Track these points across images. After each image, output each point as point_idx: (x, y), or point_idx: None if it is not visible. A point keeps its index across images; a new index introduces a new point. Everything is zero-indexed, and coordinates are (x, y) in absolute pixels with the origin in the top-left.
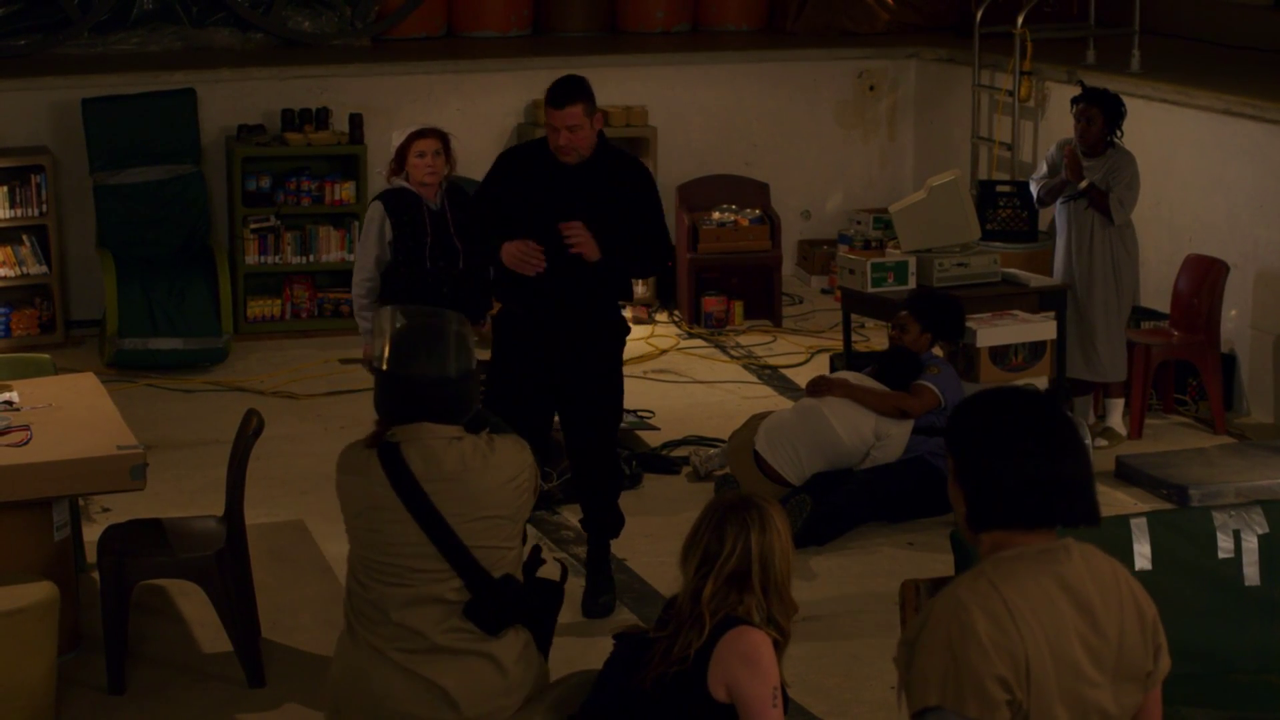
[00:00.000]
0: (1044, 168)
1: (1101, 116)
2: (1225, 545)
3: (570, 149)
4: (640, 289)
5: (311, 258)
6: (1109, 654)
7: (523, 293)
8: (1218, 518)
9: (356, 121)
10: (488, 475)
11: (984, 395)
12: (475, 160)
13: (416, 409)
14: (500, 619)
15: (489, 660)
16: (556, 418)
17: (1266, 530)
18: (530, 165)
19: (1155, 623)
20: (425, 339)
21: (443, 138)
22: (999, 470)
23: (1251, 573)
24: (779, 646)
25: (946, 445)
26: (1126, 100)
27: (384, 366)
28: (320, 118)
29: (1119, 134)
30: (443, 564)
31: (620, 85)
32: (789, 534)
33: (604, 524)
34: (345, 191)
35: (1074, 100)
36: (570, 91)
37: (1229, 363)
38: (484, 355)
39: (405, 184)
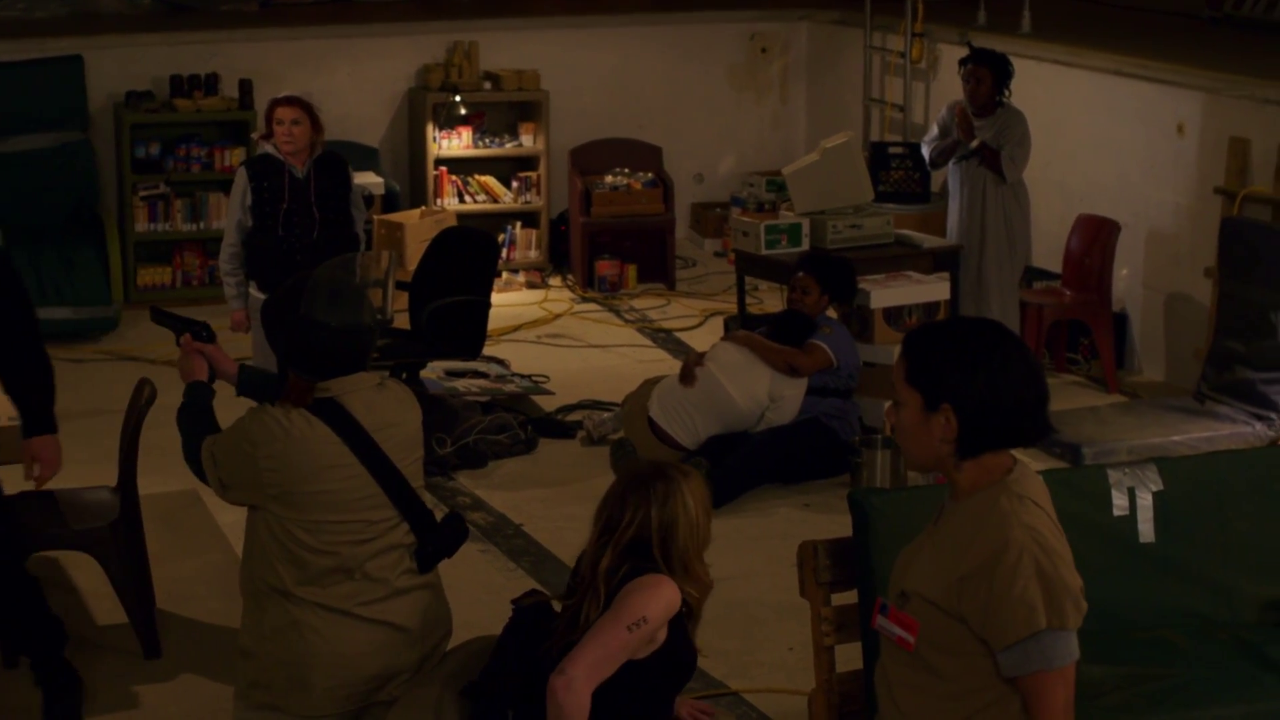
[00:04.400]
0: (935, 130)
1: (990, 76)
2: (1120, 503)
3: None
4: (533, 254)
5: (202, 225)
6: None
7: None
8: (1112, 475)
9: (246, 87)
10: (415, 416)
11: (946, 327)
12: (366, 126)
13: (354, 360)
14: (439, 556)
15: (431, 590)
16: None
17: (1161, 487)
18: None
19: None
20: (352, 288)
21: (305, 107)
22: (998, 393)
23: (1146, 529)
24: (689, 617)
25: (911, 380)
26: (1017, 61)
27: (329, 321)
28: (209, 84)
29: (1008, 93)
30: (393, 510)
31: (512, 49)
32: (702, 507)
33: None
34: (235, 158)
35: (962, 61)
36: None
37: (1121, 321)
38: None
39: (272, 150)
